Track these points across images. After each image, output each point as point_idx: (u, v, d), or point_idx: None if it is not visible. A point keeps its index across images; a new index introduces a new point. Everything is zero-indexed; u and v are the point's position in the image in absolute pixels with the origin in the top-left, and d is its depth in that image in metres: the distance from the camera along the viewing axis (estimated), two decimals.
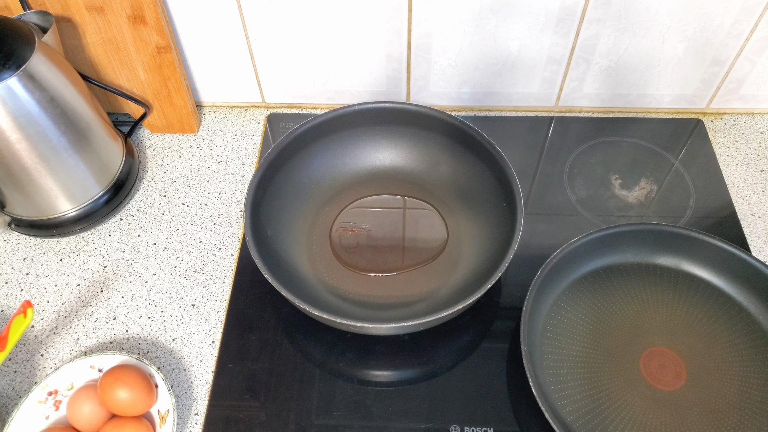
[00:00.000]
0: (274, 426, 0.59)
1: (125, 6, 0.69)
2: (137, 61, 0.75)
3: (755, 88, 0.81)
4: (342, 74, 0.81)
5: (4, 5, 0.69)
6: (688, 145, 0.81)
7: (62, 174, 0.67)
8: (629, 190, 0.77)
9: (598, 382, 0.61)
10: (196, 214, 0.75)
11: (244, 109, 0.86)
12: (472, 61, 0.78)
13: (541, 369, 0.61)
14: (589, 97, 0.83)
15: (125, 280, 0.70)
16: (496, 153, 0.67)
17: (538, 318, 0.64)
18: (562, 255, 0.64)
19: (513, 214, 0.63)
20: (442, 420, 0.60)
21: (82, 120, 0.67)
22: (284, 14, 0.74)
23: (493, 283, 0.58)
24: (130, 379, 0.56)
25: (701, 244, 0.66)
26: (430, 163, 0.75)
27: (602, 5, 0.71)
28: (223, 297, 0.69)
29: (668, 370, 0.61)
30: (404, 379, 0.63)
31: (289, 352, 0.64)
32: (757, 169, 0.79)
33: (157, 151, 0.82)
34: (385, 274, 0.69)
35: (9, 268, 0.71)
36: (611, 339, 0.64)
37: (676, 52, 0.77)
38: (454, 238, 0.71)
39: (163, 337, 0.66)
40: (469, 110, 0.85)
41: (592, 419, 0.58)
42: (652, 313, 0.65)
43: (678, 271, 0.68)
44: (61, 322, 0.67)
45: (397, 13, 0.73)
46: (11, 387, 0.62)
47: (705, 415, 0.59)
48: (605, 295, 0.66)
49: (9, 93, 0.60)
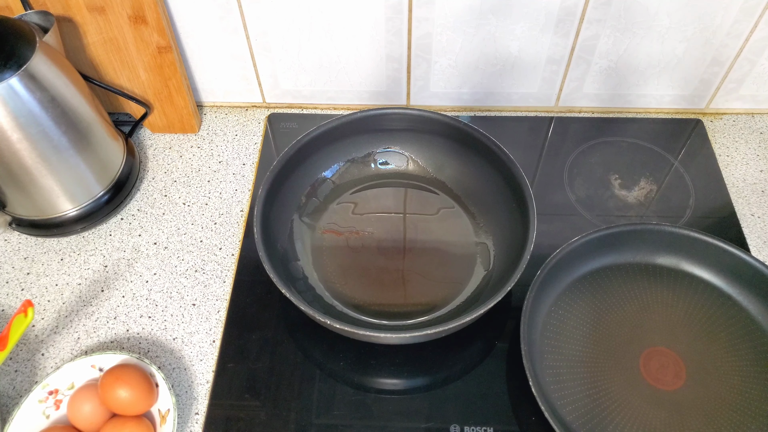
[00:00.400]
0: (274, 425, 0.60)
1: (126, 6, 0.69)
2: (138, 61, 0.75)
3: (755, 88, 0.81)
4: (342, 74, 0.81)
5: (5, 5, 0.69)
6: (687, 145, 0.81)
7: (63, 174, 0.68)
8: (629, 190, 0.77)
9: (598, 382, 0.61)
10: (197, 214, 0.75)
11: (244, 109, 0.87)
12: (472, 61, 0.78)
13: (540, 369, 0.61)
14: (589, 98, 0.83)
15: (126, 280, 0.70)
16: (505, 156, 0.67)
17: (538, 318, 0.64)
18: (561, 255, 0.64)
19: (525, 218, 0.63)
20: (442, 420, 0.60)
21: (83, 120, 0.67)
22: (284, 14, 0.74)
23: (510, 288, 0.58)
24: (131, 379, 0.56)
25: (701, 244, 0.66)
26: (435, 166, 0.76)
27: (602, 6, 0.71)
28: (224, 296, 0.69)
29: (668, 370, 0.62)
30: (404, 379, 0.63)
31: (289, 352, 0.64)
32: (757, 169, 0.79)
33: (157, 151, 0.82)
34: (396, 281, 0.68)
35: (10, 267, 0.71)
36: (611, 339, 0.64)
37: (675, 53, 0.77)
38: (464, 242, 0.71)
39: (164, 336, 0.66)
40: (469, 110, 0.85)
41: (591, 419, 0.58)
42: (652, 313, 0.65)
43: (677, 271, 0.68)
44: (61, 321, 0.67)
45: (397, 13, 0.73)
46: (12, 386, 0.62)
47: (704, 414, 0.59)
48: (605, 295, 0.67)
49: (10, 93, 0.60)
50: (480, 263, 0.69)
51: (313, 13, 0.74)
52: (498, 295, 0.58)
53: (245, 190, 0.78)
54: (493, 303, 0.57)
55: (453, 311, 0.66)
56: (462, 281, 0.68)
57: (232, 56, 0.79)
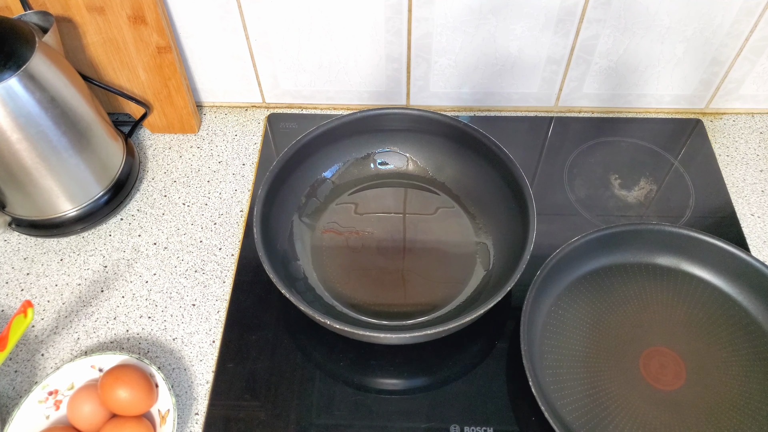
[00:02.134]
0: (274, 425, 0.59)
1: (125, 6, 0.69)
2: (137, 62, 0.75)
3: (755, 88, 0.81)
4: (342, 74, 0.81)
5: (4, 5, 0.69)
6: (687, 145, 0.81)
7: (63, 174, 0.67)
8: (629, 190, 0.77)
9: (598, 382, 0.61)
10: (197, 214, 0.75)
11: (244, 109, 0.87)
12: (472, 61, 0.78)
13: (540, 369, 0.61)
14: (589, 97, 0.83)
15: (126, 280, 0.70)
16: (504, 156, 0.67)
17: (538, 318, 0.64)
18: (561, 255, 0.64)
19: (525, 218, 0.63)
20: (442, 420, 0.60)
21: (83, 120, 0.67)
22: (284, 14, 0.74)
23: (510, 288, 0.58)
24: (131, 379, 0.56)
25: (701, 244, 0.66)
26: (435, 166, 0.76)
27: (602, 5, 0.71)
28: (224, 297, 0.69)
29: (668, 370, 0.62)
30: (404, 379, 0.63)
31: (289, 352, 0.64)
32: (757, 169, 0.79)
33: (157, 151, 0.82)
34: (396, 281, 0.68)
35: (9, 267, 0.71)
36: (611, 339, 0.64)
37: (675, 52, 0.77)
38: (464, 242, 0.71)
39: (164, 336, 0.66)
40: (468, 110, 0.85)
41: (591, 419, 0.58)
42: (652, 313, 0.65)
43: (677, 271, 0.68)
44: (61, 321, 0.67)
45: (397, 13, 0.73)
46: (11, 387, 0.62)
47: (705, 414, 0.59)
48: (605, 295, 0.67)
49: (9, 93, 0.60)
50: (480, 263, 0.69)
51: (313, 13, 0.74)
52: (498, 295, 0.58)
53: (245, 190, 0.78)
54: (493, 303, 0.57)
55: (453, 311, 0.66)
56: (462, 281, 0.68)
57: (231, 56, 0.79)
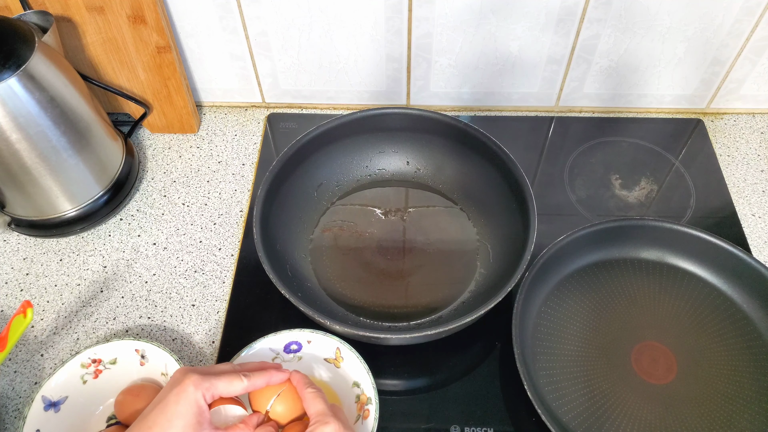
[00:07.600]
0: None
1: (125, 6, 0.69)
2: (137, 61, 0.75)
3: (755, 88, 0.81)
4: (342, 74, 0.81)
5: (4, 5, 0.69)
6: (688, 145, 0.81)
7: (62, 174, 0.67)
8: (629, 190, 0.77)
9: (592, 380, 0.61)
10: (196, 214, 0.75)
11: (244, 109, 0.86)
12: (472, 61, 0.78)
13: (534, 371, 0.61)
14: (590, 97, 0.83)
15: (125, 280, 0.70)
16: (505, 156, 0.67)
17: (529, 320, 0.64)
18: (548, 254, 0.64)
19: (525, 218, 0.63)
20: (442, 420, 0.60)
21: (82, 120, 0.67)
22: (284, 14, 0.74)
23: (510, 289, 0.58)
24: (149, 397, 0.57)
25: (683, 237, 0.67)
26: (435, 166, 0.75)
27: (602, 5, 0.71)
28: (223, 297, 0.69)
29: (659, 364, 0.62)
30: (404, 380, 0.63)
31: None
32: (757, 169, 0.79)
33: (157, 151, 0.82)
34: (396, 281, 0.68)
35: (9, 268, 0.71)
36: (602, 336, 0.64)
37: (676, 52, 0.77)
38: (464, 242, 0.71)
39: (163, 337, 0.66)
40: (469, 110, 0.85)
41: (587, 417, 0.59)
42: (641, 308, 0.66)
43: (663, 264, 0.68)
44: (60, 322, 0.67)
45: (397, 12, 0.73)
46: (11, 387, 0.62)
47: (697, 406, 0.59)
48: (593, 292, 0.67)
49: (9, 93, 0.60)
50: (480, 263, 0.69)
51: (313, 13, 0.73)
52: (498, 296, 0.58)
53: (245, 190, 0.78)
54: (493, 303, 0.57)
55: (453, 312, 0.66)
56: (462, 281, 0.68)
57: (231, 56, 0.79)
